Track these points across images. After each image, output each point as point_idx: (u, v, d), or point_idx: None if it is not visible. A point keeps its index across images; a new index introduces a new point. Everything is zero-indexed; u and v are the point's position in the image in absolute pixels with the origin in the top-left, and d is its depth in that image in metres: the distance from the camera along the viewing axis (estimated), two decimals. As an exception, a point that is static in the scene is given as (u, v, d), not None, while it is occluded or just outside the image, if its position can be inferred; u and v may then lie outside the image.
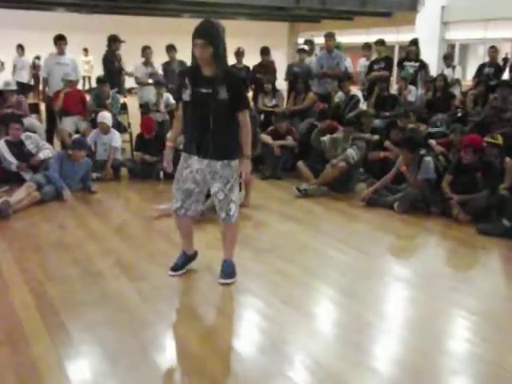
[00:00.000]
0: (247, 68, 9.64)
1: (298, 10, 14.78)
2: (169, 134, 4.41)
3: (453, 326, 3.70)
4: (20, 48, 13.35)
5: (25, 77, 13.14)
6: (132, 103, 9.95)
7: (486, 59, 10.27)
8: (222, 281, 4.09)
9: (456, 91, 9.43)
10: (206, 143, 3.82)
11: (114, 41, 9.12)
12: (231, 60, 9.58)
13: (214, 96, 3.72)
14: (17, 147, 6.85)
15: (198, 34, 3.63)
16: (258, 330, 3.51)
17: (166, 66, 9.35)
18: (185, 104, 3.87)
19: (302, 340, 3.36)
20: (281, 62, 10.94)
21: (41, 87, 10.02)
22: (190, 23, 3.72)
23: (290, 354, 3.20)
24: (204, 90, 3.74)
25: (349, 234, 5.42)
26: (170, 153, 4.09)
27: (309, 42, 10.32)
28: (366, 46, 10.70)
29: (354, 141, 6.90)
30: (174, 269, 4.20)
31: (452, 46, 15.17)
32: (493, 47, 10.01)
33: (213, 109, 3.74)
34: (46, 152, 6.95)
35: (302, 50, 9.74)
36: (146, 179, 7.14)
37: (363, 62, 10.36)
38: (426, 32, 13.74)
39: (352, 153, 6.68)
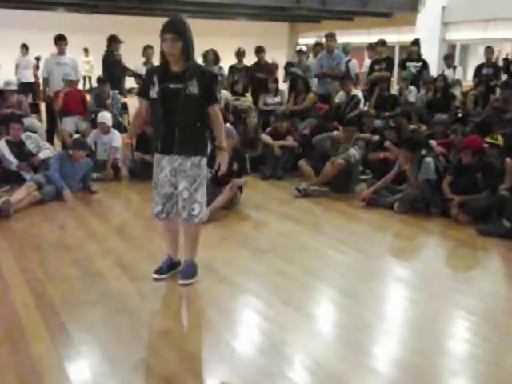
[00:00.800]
0: (247, 68, 9.66)
1: (299, 11, 14.77)
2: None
3: (452, 326, 3.70)
4: (24, 47, 13.26)
5: (27, 76, 13.05)
6: (132, 103, 9.93)
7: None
8: (181, 282, 4.01)
9: (456, 92, 9.44)
10: (175, 139, 3.78)
11: (113, 41, 9.12)
12: (232, 60, 9.68)
13: (183, 91, 3.70)
14: (17, 147, 6.85)
15: (167, 29, 3.64)
16: (257, 331, 3.51)
17: None
18: (152, 101, 3.83)
19: (302, 340, 3.36)
20: (281, 62, 10.93)
21: (41, 87, 9.99)
22: (191, 23, 3.72)
23: (290, 354, 3.21)
24: (172, 86, 3.71)
25: (349, 235, 5.42)
26: (127, 149, 4.19)
27: (319, 44, 10.31)
28: (371, 47, 10.72)
29: (356, 141, 6.92)
30: (159, 272, 4.13)
31: (453, 47, 15.16)
32: (489, 47, 10.02)
33: (182, 104, 3.72)
34: (46, 152, 6.96)
35: (300, 52, 9.78)
36: (146, 179, 7.08)
37: (369, 63, 10.37)
38: (427, 32, 13.73)
39: (354, 152, 6.69)
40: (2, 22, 16.66)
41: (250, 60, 9.81)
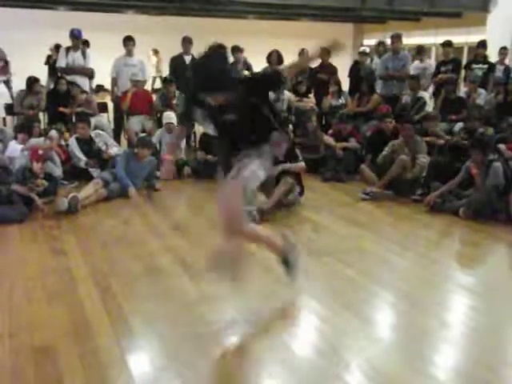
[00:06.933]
0: (310, 69, 9.61)
1: (364, 11, 14.57)
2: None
3: (519, 337, 3.57)
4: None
5: None
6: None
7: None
8: None
9: (529, 94, 9.06)
10: None
11: (183, 42, 9.24)
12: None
13: None
14: (86, 144, 7.13)
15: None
16: (316, 333, 3.49)
17: (231, 67, 9.42)
18: None
19: (360, 345, 3.32)
20: (346, 63, 10.84)
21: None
22: (255, 24, 3.74)
23: (348, 358, 3.17)
24: None
25: (411, 239, 5.31)
26: (170, 164, 4.02)
27: (381, 43, 10.19)
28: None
29: (416, 146, 6.75)
30: None
31: (525, 47, 14.58)
32: None
33: None
34: (115, 149, 7.21)
35: (363, 53, 9.69)
36: (208, 178, 7.22)
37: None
38: (498, 33, 13.26)
39: (423, 161, 6.59)
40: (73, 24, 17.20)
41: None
